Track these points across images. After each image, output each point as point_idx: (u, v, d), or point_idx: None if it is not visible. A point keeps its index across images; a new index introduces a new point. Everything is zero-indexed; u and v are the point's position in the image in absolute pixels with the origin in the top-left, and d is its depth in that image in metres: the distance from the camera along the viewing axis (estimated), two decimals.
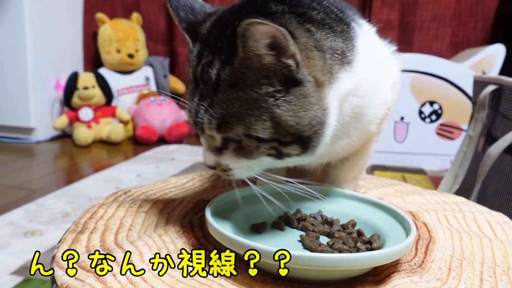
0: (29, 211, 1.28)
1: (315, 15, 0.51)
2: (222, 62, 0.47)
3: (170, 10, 0.53)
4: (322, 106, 0.50)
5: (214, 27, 0.51)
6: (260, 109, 0.47)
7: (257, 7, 0.51)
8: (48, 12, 2.23)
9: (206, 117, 0.48)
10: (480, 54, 1.88)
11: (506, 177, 1.05)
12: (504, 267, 0.50)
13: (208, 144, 0.52)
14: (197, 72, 0.50)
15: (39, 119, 2.21)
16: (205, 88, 0.48)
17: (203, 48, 0.50)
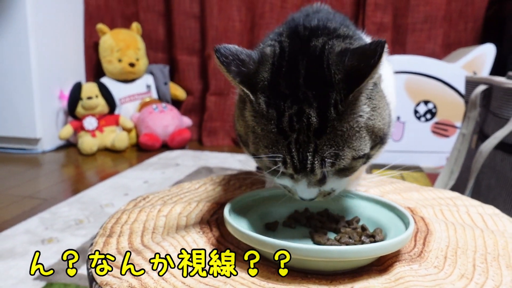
0: (44, 220, 1.33)
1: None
2: (318, 108, 0.50)
3: (222, 68, 0.52)
4: (385, 99, 0.57)
5: (280, 77, 0.52)
6: (361, 129, 0.52)
7: (319, 50, 0.54)
8: (50, 25, 2.28)
9: (317, 161, 0.50)
10: (472, 54, 1.94)
11: (498, 172, 1.11)
12: (495, 255, 0.56)
13: (308, 182, 0.53)
14: (283, 123, 0.50)
15: (44, 129, 2.26)
16: (303, 136, 0.50)
17: (278, 99, 0.51)
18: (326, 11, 0.82)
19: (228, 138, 2.58)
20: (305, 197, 0.55)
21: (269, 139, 0.52)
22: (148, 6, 2.66)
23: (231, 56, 0.52)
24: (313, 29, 0.58)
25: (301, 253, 0.48)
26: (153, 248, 0.57)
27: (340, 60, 0.51)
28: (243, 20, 2.54)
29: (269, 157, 0.52)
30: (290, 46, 0.56)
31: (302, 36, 0.57)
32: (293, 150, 0.51)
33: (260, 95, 0.52)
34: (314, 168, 0.51)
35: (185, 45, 2.61)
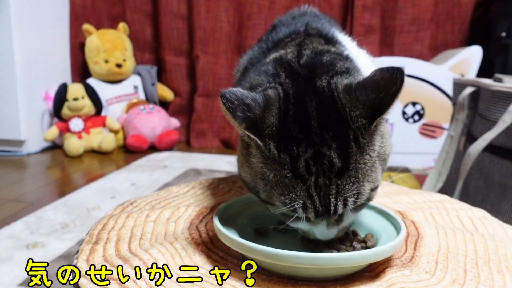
0: (29, 224, 1.31)
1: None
2: (337, 148, 0.49)
3: (227, 114, 0.50)
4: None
5: (289, 121, 0.51)
6: (376, 159, 0.51)
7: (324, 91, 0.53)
8: (35, 25, 2.25)
9: (340, 202, 0.49)
10: (459, 56, 1.96)
11: (486, 174, 1.11)
12: (485, 259, 0.56)
13: (328, 222, 0.52)
14: (299, 167, 0.49)
15: (29, 131, 2.23)
16: (323, 178, 0.49)
17: (291, 144, 0.50)
18: (312, 14, 0.82)
19: (216, 139, 2.57)
20: (325, 239, 0.54)
21: (284, 185, 0.50)
22: (135, 6, 2.63)
23: (237, 101, 0.50)
24: (310, 66, 0.57)
25: (292, 261, 0.47)
26: (141, 255, 0.56)
27: (350, 97, 0.50)
28: (231, 21, 2.53)
29: (287, 204, 0.50)
30: (294, 88, 0.54)
31: (303, 76, 0.56)
32: (314, 195, 0.49)
33: (269, 140, 0.50)
34: (337, 210, 0.50)
35: (173, 46, 2.60)
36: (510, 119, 1.00)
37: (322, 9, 2.39)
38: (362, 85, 0.50)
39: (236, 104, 0.50)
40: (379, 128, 0.51)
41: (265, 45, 0.71)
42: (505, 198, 1.05)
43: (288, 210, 0.50)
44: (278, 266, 0.49)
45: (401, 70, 0.47)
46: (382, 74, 0.48)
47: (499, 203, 1.06)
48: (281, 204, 0.51)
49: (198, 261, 0.55)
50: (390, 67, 0.48)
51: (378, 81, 0.48)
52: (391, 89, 0.47)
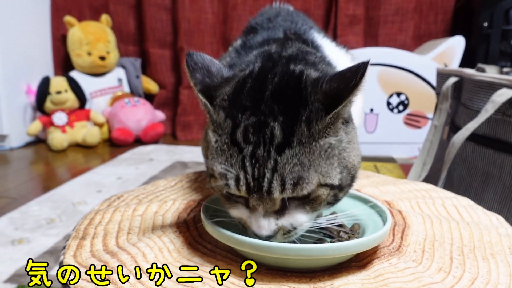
0: (13, 219, 1.29)
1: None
2: (283, 122, 0.47)
3: (187, 71, 0.51)
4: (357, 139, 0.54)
5: (242, 91, 0.50)
6: (333, 157, 0.48)
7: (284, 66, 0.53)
8: (15, 17, 2.20)
9: (276, 181, 0.46)
10: (442, 46, 1.98)
11: (469, 163, 1.13)
12: (471, 247, 0.57)
13: (264, 210, 0.48)
14: (237, 134, 0.48)
15: (11, 125, 2.19)
16: (262, 150, 0.46)
17: (237, 110, 0.49)
18: (287, 13, 0.82)
19: (202, 131, 2.55)
20: (260, 232, 0.49)
21: (222, 153, 0.49)
22: None
23: (200, 64, 0.51)
24: (291, 58, 0.57)
25: (280, 252, 0.47)
26: (128, 249, 0.55)
27: (316, 85, 0.49)
28: (216, 12, 2.51)
29: (222, 175, 0.48)
30: (261, 67, 0.54)
31: (277, 60, 0.56)
32: (247, 165, 0.47)
33: (219, 107, 0.50)
34: (271, 189, 0.46)
35: (157, 38, 2.57)
36: (493, 109, 1.01)
37: (306, 0, 2.39)
38: (331, 76, 0.49)
39: (199, 66, 0.51)
40: (343, 126, 0.50)
41: (243, 49, 0.70)
42: (487, 186, 1.07)
43: (222, 182, 0.48)
44: (267, 258, 0.50)
45: (365, 64, 0.46)
46: (351, 68, 0.47)
47: (482, 191, 1.08)
48: (218, 175, 0.49)
49: (186, 255, 0.55)
50: (360, 62, 0.47)
51: (346, 73, 0.48)
52: (351, 82, 0.46)
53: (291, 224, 0.50)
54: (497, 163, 1.04)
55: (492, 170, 1.05)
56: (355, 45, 2.29)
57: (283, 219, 0.49)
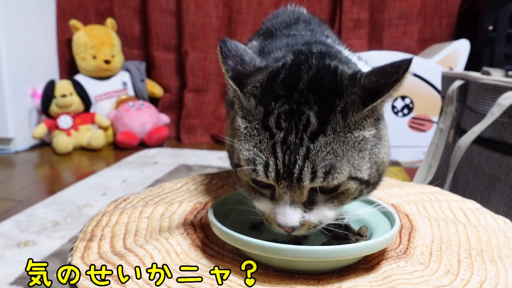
0: (19, 222, 1.29)
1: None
2: (318, 111, 0.47)
3: (220, 57, 0.51)
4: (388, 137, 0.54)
5: (276, 81, 0.50)
6: (365, 151, 0.48)
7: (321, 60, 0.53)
8: (21, 21, 2.21)
9: (307, 168, 0.45)
10: (447, 50, 1.97)
11: (475, 166, 1.13)
12: (478, 249, 0.56)
13: (291, 199, 0.48)
14: (269, 120, 0.47)
15: (17, 129, 2.20)
16: (294, 137, 0.46)
17: (269, 98, 0.49)
18: (303, 18, 0.82)
19: (206, 135, 2.56)
20: (285, 222, 0.48)
21: (252, 139, 0.48)
22: (122, 2, 2.61)
23: (234, 52, 0.52)
24: (323, 53, 0.57)
25: (288, 254, 0.47)
26: (136, 251, 0.56)
27: (354, 79, 0.49)
28: (220, 16, 2.52)
29: (249, 161, 0.47)
30: (294, 60, 0.54)
31: (309, 55, 0.56)
32: (278, 151, 0.46)
33: (250, 94, 0.50)
34: (301, 176, 0.46)
35: (161, 42, 2.58)
36: (499, 112, 1.01)
37: (311, 4, 2.40)
38: (370, 72, 0.49)
39: (233, 54, 0.52)
40: (376, 123, 0.50)
41: (261, 54, 0.69)
42: (494, 189, 1.06)
43: (250, 170, 0.47)
44: (275, 260, 0.50)
45: (409, 60, 0.46)
46: (393, 64, 0.47)
47: (488, 195, 1.08)
48: (245, 162, 0.48)
49: (194, 256, 0.55)
50: (403, 59, 0.47)
51: (386, 68, 0.48)
52: (392, 77, 0.46)
53: (319, 220, 0.50)
54: (504, 166, 1.03)
55: (498, 173, 1.05)
56: (360, 48, 2.29)
57: (311, 214, 0.49)
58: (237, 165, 0.51)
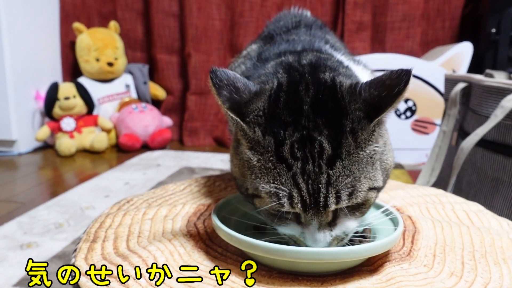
0: (22, 224, 1.30)
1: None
2: (329, 135, 0.47)
3: (213, 90, 0.50)
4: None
5: (278, 106, 0.50)
6: (376, 162, 0.49)
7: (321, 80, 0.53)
8: (25, 23, 2.22)
9: (331, 194, 0.46)
10: (450, 52, 1.97)
11: (478, 169, 1.12)
12: (482, 252, 0.56)
13: (319, 224, 0.48)
14: (284, 152, 0.47)
15: (20, 131, 2.20)
16: (312, 165, 0.46)
17: (277, 126, 0.48)
18: (305, 22, 0.82)
19: (209, 137, 2.56)
20: (317, 245, 0.49)
21: (268, 172, 0.48)
22: (126, 5, 2.62)
23: (226, 81, 0.50)
24: (313, 65, 0.57)
25: (293, 256, 0.47)
26: (139, 252, 0.56)
27: (353, 93, 0.49)
28: (223, 18, 2.52)
29: (271, 194, 0.47)
30: (289, 79, 0.54)
31: (303, 71, 0.55)
32: (300, 182, 0.46)
33: (254, 124, 0.49)
34: (328, 203, 0.46)
35: (164, 44, 2.58)
36: (502, 114, 1.01)
37: (314, 7, 2.40)
38: (368, 84, 0.49)
39: (225, 83, 0.50)
40: (380, 131, 0.50)
41: (259, 61, 0.69)
42: (497, 192, 1.06)
43: (273, 203, 0.47)
44: (278, 262, 0.50)
45: (408, 72, 0.47)
46: (391, 75, 0.48)
47: (492, 197, 1.07)
48: (266, 195, 0.48)
49: (197, 258, 0.55)
50: (400, 69, 0.47)
51: (385, 80, 0.48)
52: (394, 90, 0.47)
53: (343, 232, 0.50)
54: (507, 169, 1.03)
55: (502, 175, 1.05)
56: (362, 51, 2.29)
57: (336, 229, 0.50)
58: (254, 196, 0.51)
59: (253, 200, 0.52)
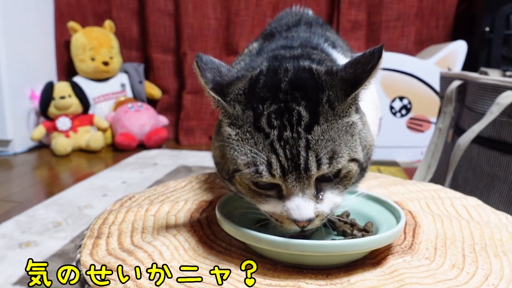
0: (20, 223, 1.29)
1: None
2: (307, 106, 0.48)
3: (197, 71, 0.52)
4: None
5: (257, 86, 0.52)
6: (355, 135, 0.51)
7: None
8: (19, 23, 2.21)
9: (311, 157, 0.47)
10: (444, 51, 1.99)
11: (474, 165, 1.14)
12: (482, 244, 0.57)
13: (302, 192, 0.48)
14: (261, 121, 0.48)
15: (15, 130, 2.20)
16: (289, 132, 0.47)
17: (256, 102, 0.50)
18: (305, 20, 0.83)
19: (205, 136, 2.57)
20: (301, 215, 0.48)
21: (246, 142, 0.49)
22: (121, 4, 2.61)
23: (210, 65, 0.53)
24: (297, 56, 0.60)
25: (298, 248, 0.48)
26: (145, 247, 0.56)
27: (330, 74, 0.51)
28: (218, 17, 2.53)
29: (249, 164, 0.48)
30: (269, 65, 0.57)
31: (283, 59, 0.59)
32: (278, 148, 0.47)
33: (234, 101, 0.51)
34: (308, 166, 0.47)
35: (160, 43, 2.58)
36: (498, 111, 1.02)
37: (309, 5, 2.40)
38: (344, 65, 0.51)
39: (209, 67, 0.52)
40: (354, 109, 0.52)
41: (258, 57, 0.71)
42: (493, 188, 1.07)
43: (252, 173, 0.48)
44: (284, 255, 0.50)
45: (380, 48, 0.49)
46: (364, 54, 0.50)
47: (488, 193, 1.09)
48: (244, 167, 0.48)
49: (202, 253, 0.55)
50: (373, 48, 0.49)
51: (359, 59, 0.50)
52: (368, 65, 0.49)
53: (330, 209, 0.51)
54: (503, 165, 1.04)
55: (497, 172, 1.06)
56: (357, 50, 2.30)
57: (322, 204, 0.50)
58: (234, 171, 0.51)
59: (234, 179, 0.52)
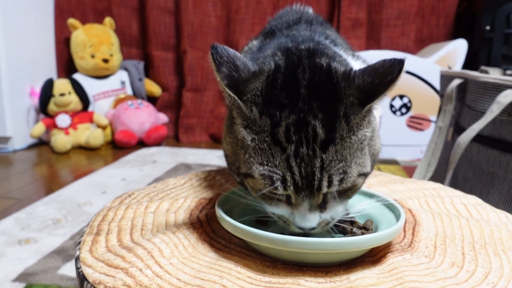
0: (19, 220, 1.29)
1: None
2: (324, 119, 0.47)
3: (212, 66, 0.50)
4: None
5: (275, 87, 0.50)
6: (365, 147, 0.50)
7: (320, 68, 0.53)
8: (19, 19, 2.21)
9: (325, 178, 0.47)
10: (445, 49, 1.99)
11: (474, 164, 1.14)
12: (482, 243, 0.57)
13: (310, 205, 0.49)
14: (279, 134, 0.48)
15: (15, 127, 2.20)
16: (306, 149, 0.47)
17: (274, 108, 0.49)
18: (305, 18, 0.83)
19: (205, 134, 2.57)
20: (306, 226, 0.50)
21: (263, 153, 0.48)
22: (121, 1, 2.61)
23: (226, 58, 0.50)
24: (311, 50, 0.58)
25: (298, 246, 0.48)
26: (144, 244, 0.56)
27: (348, 79, 0.50)
28: (219, 15, 2.52)
29: (265, 176, 0.48)
30: (287, 62, 0.54)
31: (300, 55, 0.56)
32: (293, 165, 0.47)
33: (251, 103, 0.49)
34: (321, 187, 0.47)
35: (160, 41, 2.58)
36: (498, 110, 1.02)
37: (309, 3, 2.40)
38: (362, 71, 0.50)
39: (225, 60, 0.50)
40: (370, 117, 0.51)
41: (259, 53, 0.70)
42: (493, 187, 1.07)
43: (267, 186, 0.48)
44: (283, 252, 0.50)
45: (402, 61, 0.48)
46: (384, 63, 0.49)
47: (487, 192, 1.09)
48: (260, 177, 0.48)
49: (201, 250, 0.55)
50: (393, 58, 0.48)
51: (378, 68, 0.49)
52: (387, 78, 0.48)
53: (331, 217, 0.52)
54: (502, 164, 1.04)
55: (497, 170, 1.06)
56: (358, 48, 2.31)
57: (325, 212, 0.51)
58: (246, 175, 0.51)
59: (245, 179, 0.52)
